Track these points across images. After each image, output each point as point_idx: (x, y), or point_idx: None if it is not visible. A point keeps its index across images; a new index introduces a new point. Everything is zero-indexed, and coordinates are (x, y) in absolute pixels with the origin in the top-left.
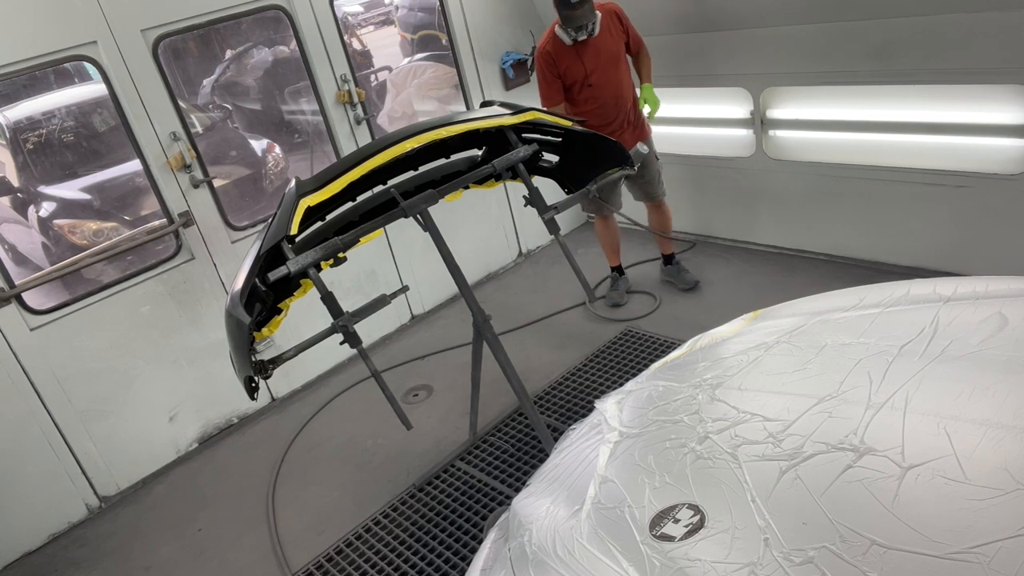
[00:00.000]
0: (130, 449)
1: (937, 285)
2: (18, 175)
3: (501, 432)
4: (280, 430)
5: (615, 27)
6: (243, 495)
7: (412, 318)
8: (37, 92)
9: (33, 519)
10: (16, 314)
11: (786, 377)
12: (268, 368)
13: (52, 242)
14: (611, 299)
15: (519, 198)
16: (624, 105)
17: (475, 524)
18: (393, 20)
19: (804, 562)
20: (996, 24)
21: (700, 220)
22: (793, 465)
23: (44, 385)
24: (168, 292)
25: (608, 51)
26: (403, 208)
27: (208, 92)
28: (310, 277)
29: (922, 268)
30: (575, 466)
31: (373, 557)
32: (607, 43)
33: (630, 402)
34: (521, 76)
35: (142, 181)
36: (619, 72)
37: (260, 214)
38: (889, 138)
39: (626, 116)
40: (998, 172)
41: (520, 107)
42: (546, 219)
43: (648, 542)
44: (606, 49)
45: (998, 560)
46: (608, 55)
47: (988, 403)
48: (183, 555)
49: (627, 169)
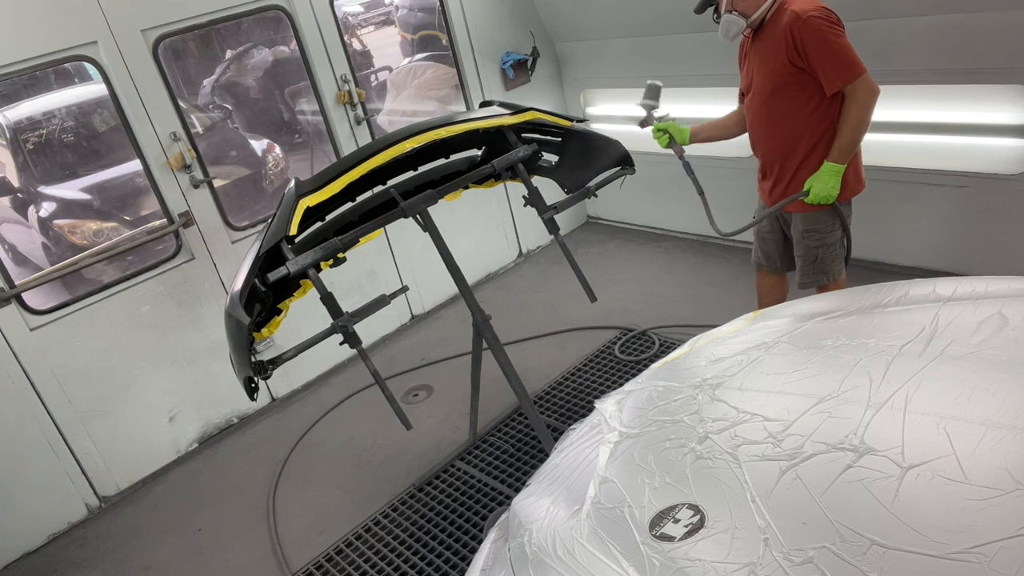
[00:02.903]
0: (130, 449)
1: (937, 285)
2: (18, 175)
3: (501, 432)
4: (280, 430)
5: (785, 42)
6: (243, 495)
7: (412, 318)
8: (37, 92)
9: (33, 519)
10: (16, 314)
11: (786, 377)
12: (268, 368)
13: (52, 242)
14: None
15: (519, 198)
16: (772, 155)
17: (475, 524)
18: (393, 20)
19: (804, 562)
20: (996, 24)
21: (700, 221)
22: (793, 465)
23: (44, 385)
24: (168, 292)
25: (764, 70)
26: (403, 208)
27: (208, 92)
28: (310, 277)
29: (922, 268)
30: (575, 466)
31: (373, 557)
32: (767, 59)
33: (630, 402)
34: (521, 76)
35: (142, 181)
36: (769, 107)
37: (260, 214)
38: (889, 138)
39: (778, 171)
40: (998, 172)
41: (519, 107)
42: (546, 219)
43: (648, 542)
44: (763, 66)
45: (998, 560)
46: (762, 76)
47: (988, 403)
48: (183, 555)
49: (627, 169)
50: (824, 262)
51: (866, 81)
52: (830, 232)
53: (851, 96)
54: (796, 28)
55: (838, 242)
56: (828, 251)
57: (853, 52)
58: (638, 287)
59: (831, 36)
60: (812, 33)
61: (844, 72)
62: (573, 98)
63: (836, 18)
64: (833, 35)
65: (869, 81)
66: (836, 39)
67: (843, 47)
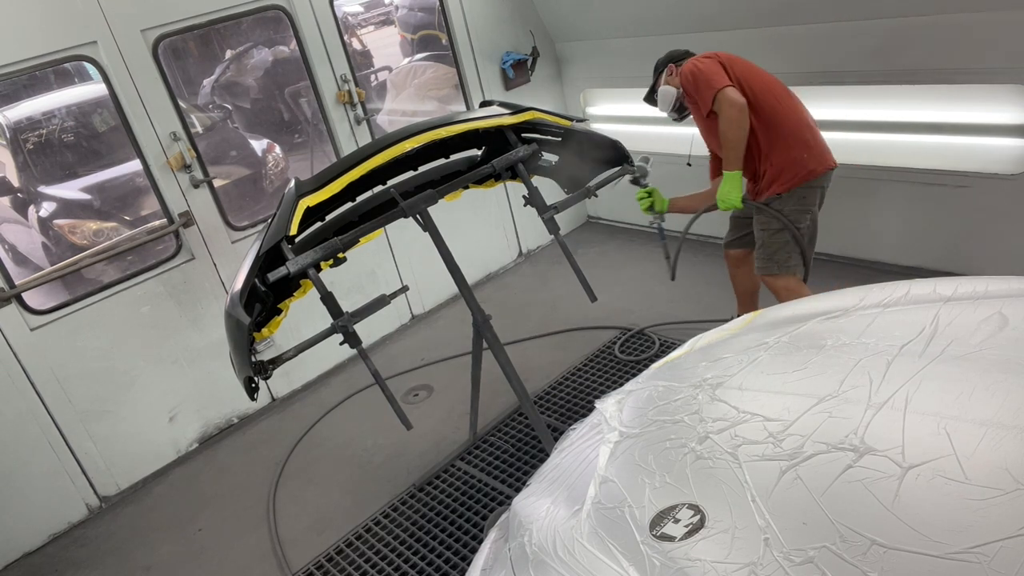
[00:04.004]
0: (130, 449)
1: (937, 285)
2: (18, 175)
3: (501, 432)
4: (280, 430)
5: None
6: (243, 495)
7: (412, 318)
8: (37, 92)
9: (33, 519)
10: (16, 314)
11: (786, 377)
12: (268, 368)
13: (52, 242)
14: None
15: (519, 198)
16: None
17: (475, 524)
18: (393, 20)
19: (804, 562)
20: (996, 24)
21: (700, 221)
22: (793, 465)
23: (44, 385)
24: (168, 292)
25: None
26: (403, 208)
27: (208, 92)
28: (310, 277)
29: (922, 268)
30: (575, 466)
31: (373, 557)
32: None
33: (630, 402)
34: (521, 76)
35: (142, 181)
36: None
37: (260, 214)
38: (889, 138)
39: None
40: (998, 172)
41: (519, 107)
42: (546, 219)
43: (648, 542)
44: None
45: (998, 560)
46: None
47: (988, 403)
48: (183, 555)
49: (627, 169)
50: (770, 248)
51: (724, 94)
52: (775, 221)
53: (718, 109)
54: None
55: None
56: (774, 238)
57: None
58: (638, 287)
59: (693, 70)
60: (685, 78)
61: (706, 92)
62: (573, 98)
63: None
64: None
65: (726, 94)
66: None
67: (703, 73)
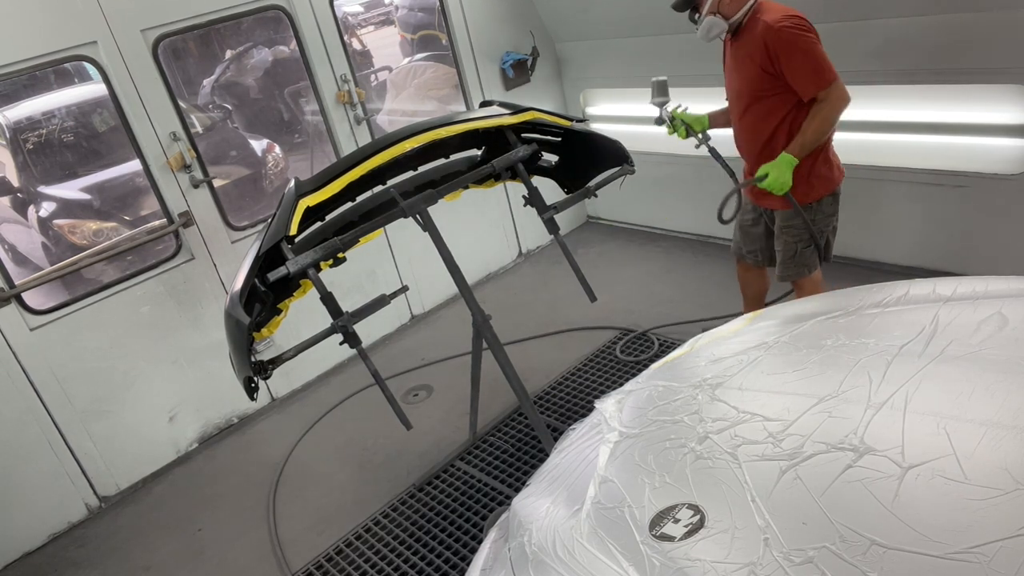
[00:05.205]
0: (130, 449)
1: (937, 285)
2: (18, 175)
3: (501, 432)
4: (280, 430)
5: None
6: (243, 495)
7: (412, 318)
8: (37, 92)
9: (33, 519)
10: (16, 314)
11: (786, 377)
12: (268, 368)
13: (52, 242)
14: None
15: (519, 198)
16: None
17: (475, 524)
18: (393, 20)
19: (804, 562)
20: (996, 24)
21: (700, 221)
22: (793, 465)
23: (44, 385)
24: (168, 292)
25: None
26: (402, 208)
27: (208, 92)
28: (310, 277)
29: (922, 268)
30: (575, 466)
31: (373, 557)
32: (743, 67)
33: (630, 402)
34: (521, 76)
35: (142, 181)
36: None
37: (260, 214)
38: (889, 138)
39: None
40: (998, 172)
41: (519, 107)
42: (546, 219)
43: (648, 542)
44: (740, 74)
45: (998, 560)
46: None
47: (988, 403)
48: (183, 555)
49: (627, 169)
50: (801, 258)
51: (838, 87)
52: (805, 232)
53: (823, 98)
54: (769, 39)
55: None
56: (805, 251)
57: (826, 59)
58: (638, 287)
59: (803, 45)
60: (784, 43)
61: (817, 79)
62: (573, 98)
63: (808, 24)
64: (805, 43)
65: (840, 88)
66: (808, 47)
67: (815, 55)
